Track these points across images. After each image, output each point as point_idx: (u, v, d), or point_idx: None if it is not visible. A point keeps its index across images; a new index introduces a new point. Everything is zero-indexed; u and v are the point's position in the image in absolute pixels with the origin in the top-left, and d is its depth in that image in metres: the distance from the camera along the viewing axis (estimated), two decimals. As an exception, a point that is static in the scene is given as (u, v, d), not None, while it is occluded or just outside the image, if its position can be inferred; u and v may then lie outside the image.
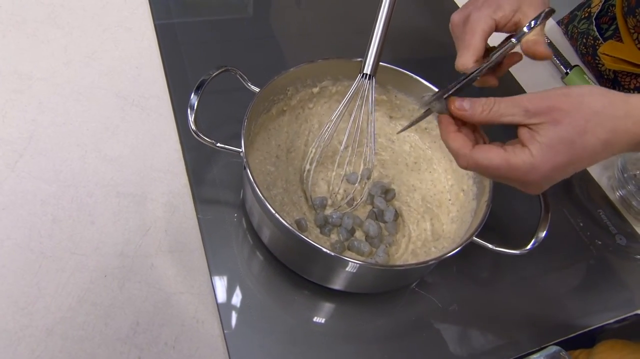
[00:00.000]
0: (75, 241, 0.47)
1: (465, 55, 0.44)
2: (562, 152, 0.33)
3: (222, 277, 0.48)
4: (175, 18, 0.71)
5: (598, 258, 0.58)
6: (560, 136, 0.33)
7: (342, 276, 0.46)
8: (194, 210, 0.51)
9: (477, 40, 0.44)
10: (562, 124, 0.33)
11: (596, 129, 0.33)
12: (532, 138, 0.34)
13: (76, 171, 0.51)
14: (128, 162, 0.53)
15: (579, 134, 0.33)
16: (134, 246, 0.48)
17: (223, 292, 0.47)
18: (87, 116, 0.56)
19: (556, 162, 0.34)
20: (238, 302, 0.47)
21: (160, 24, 0.68)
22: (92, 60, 0.62)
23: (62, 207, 0.48)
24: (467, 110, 0.37)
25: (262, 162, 0.53)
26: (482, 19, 0.45)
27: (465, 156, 0.36)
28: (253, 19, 0.76)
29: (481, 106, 0.36)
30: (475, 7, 0.46)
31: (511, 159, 0.34)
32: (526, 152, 0.34)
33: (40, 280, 0.44)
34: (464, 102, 0.37)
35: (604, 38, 0.73)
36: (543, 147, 0.33)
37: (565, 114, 0.33)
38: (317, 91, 0.57)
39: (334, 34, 0.77)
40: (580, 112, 0.33)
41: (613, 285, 0.57)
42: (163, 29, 0.68)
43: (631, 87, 0.70)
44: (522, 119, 0.34)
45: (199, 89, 0.48)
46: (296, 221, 0.49)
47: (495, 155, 0.35)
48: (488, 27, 0.45)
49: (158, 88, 0.61)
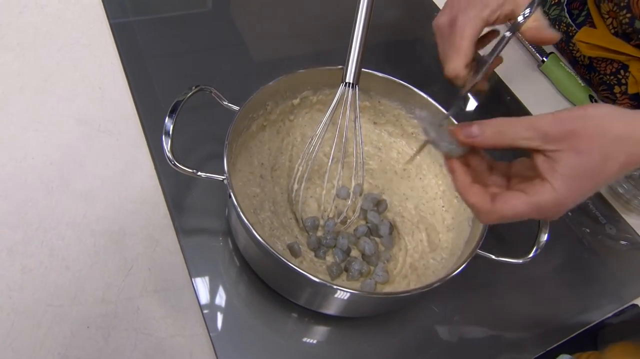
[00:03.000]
0: (49, 292, 0.43)
1: (455, 60, 0.42)
2: (585, 183, 0.32)
3: (215, 313, 0.45)
4: (132, 16, 0.66)
5: (591, 251, 0.58)
6: (583, 167, 0.31)
7: (339, 304, 0.44)
8: (177, 242, 0.48)
9: (467, 45, 0.42)
10: (584, 153, 0.31)
11: (618, 154, 0.31)
12: (553, 169, 0.32)
13: (43, 212, 0.47)
14: (100, 195, 0.49)
15: (602, 162, 0.31)
16: (116, 290, 0.44)
17: (218, 329, 0.44)
18: (49, 148, 0.51)
19: (580, 193, 0.32)
20: (236, 340, 0.44)
21: (116, 23, 0.64)
22: (49, 84, 0.57)
23: (31, 255, 0.44)
24: (478, 136, 0.33)
25: (247, 184, 0.50)
26: (470, 21, 0.42)
27: (487, 212, 0.33)
28: (213, 13, 0.72)
29: (491, 129, 0.33)
30: (460, 9, 0.44)
31: (534, 200, 0.32)
32: (547, 188, 0.32)
33: (14, 340, 0.40)
34: (473, 129, 0.34)
35: (577, 24, 0.73)
36: (566, 179, 0.31)
37: (587, 141, 0.31)
38: (298, 102, 0.54)
39: (298, 23, 0.74)
40: (601, 139, 0.31)
41: (608, 277, 0.57)
42: (119, 27, 0.64)
43: (607, 72, 0.70)
44: (539, 144, 0.32)
45: (174, 112, 0.44)
46: (288, 246, 0.47)
47: (518, 202, 0.32)
48: (477, 30, 0.43)
49: (125, 109, 0.56)
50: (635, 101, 0.68)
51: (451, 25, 0.44)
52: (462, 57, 0.42)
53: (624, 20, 0.63)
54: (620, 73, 0.68)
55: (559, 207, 0.33)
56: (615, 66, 0.68)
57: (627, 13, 0.62)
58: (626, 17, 0.63)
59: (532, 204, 0.32)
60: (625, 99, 0.69)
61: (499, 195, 0.34)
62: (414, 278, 0.48)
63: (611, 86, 0.70)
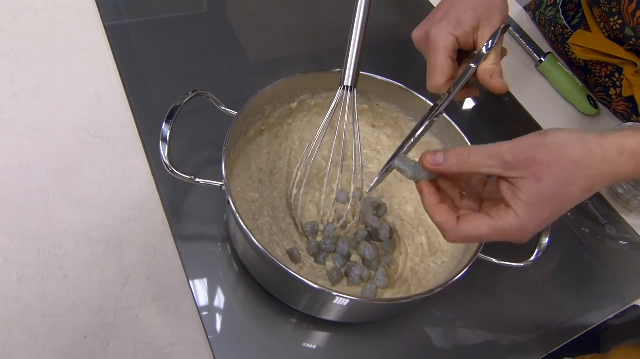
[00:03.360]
0: (47, 301, 0.42)
1: (433, 78, 0.42)
2: (547, 209, 0.33)
3: (215, 320, 0.44)
4: (127, 18, 0.66)
5: (591, 252, 0.58)
6: (543, 193, 0.32)
7: (339, 310, 0.43)
8: (176, 249, 0.47)
9: (442, 60, 0.42)
10: (544, 180, 0.32)
11: (578, 179, 0.32)
12: (515, 196, 0.33)
13: (39, 220, 0.46)
14: (97, 203, 0.49)
15: (562, 188, 0.32)
16: (115, 299, 0.43)
17: (217, 334, 0.43)
18: (45, 155, 0.51)
19: (542, 219, 0.33)
20: (236, 345, 0.43)
21: (111, 26, 0.64)
22: (44, 90, 0.56)
23: (27, 264, 0.44)
24: (442, 164, 0.35)
25: (245, 189, 0.49)
26: (442, 36, 0.42)
27: (452, 231, 0.34)
28: (208, 15, 0.71)
29: (455, 158, 0.34)
30: (434, 22, 0.43)
31: (498, 224, 0.33)
32: (511, 214, 0.33)
33: (11, 352, 0.39)
34: (437, 157, 0.35)
35: (572, 26, 0.72)
36: (528, 206, 0.32)
37: (546, 167, 0.32)
38: (296, 106, 0.54)
39: (294, 24, 0.74)
40: (560, 165, 0.32)
41: (608, 278, 0.57)
42: (114, 30, 0.63)
43: (602, 74, 0.70)
44: (501, 172, 0.33)
45: (171, 117, 0.44)
46: (288, 252, 0.46)
47: (482, 224, 0.34)
48: (450, 44, 0.42)
49: (122, 115, 0.56)
50: (631, 103, 0.68)
51: (426, 38, 0.43)
52: (441, 73, 0.42)
53: (615, 27, 0.63)
54: (615, 76, 0.68)
55: (522, 233, 0.34)
56: (610, 69, 0.68)
57: (618, 19, 0.62)
58: (617, 24, 0.62)
59: (495, 228, 0.33)
60: (621, 101, 0.69)
61: (464, 216, 0.35)
62: (414, 282, 0.48)
63: (607, 88, 0.70)
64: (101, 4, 0.66)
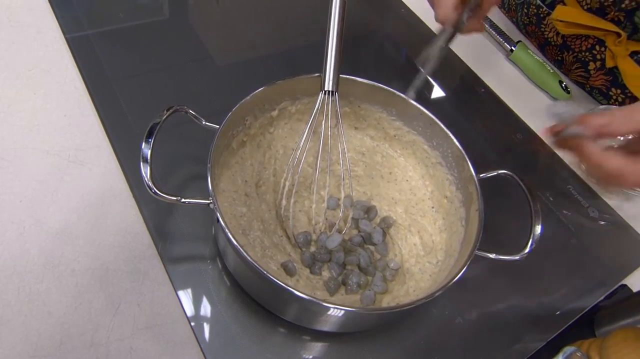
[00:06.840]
0: (32, 342, 0.40)
1: (443, 5, 0.42)
2: None
3: (213, 342, 0.43)
4: (88, 29, 0.64)
5: (576, 235, 0.59)
6: None
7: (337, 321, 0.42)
8: (165, 272, 0.46)
9: None
10: None
11: None
12: None
13: (16, 254, 0.44)
14: (77, 231, 0.46)
15: None
16: (105, 331, 0.41)
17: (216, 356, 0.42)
18: (17, 184, 0.48)
19: None
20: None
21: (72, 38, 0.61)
22: (9, 115, 0.53)
23: (7, 304, 0.41)
24: (608, 125, 0.32)
25: (232, 204, 0.48)
26: None
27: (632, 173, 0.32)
28: (171, 21, 0.69)
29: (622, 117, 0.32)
30: None
31: None
32: None
33: (-1, 400, 0.37)
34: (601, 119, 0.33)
35: (547, 5, 0.73)
36: None
37: None
38: (277, 113, 0.53)
39: (260, 25, 0.72)
40: None
41: (596, 260, 0.58)
42: (76, 43, 0.61)
43: (582, 49, 0.70)
44: None
45: (150, 136, 0.42)
46: (283, 266, 0.45)
47: None
48: None
49: (95, 136, 0.53)
50: (610, 76, 0.69)
51: None
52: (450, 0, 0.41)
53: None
54: (595, 49, 0.69)
55: None
56: (590, 42, 0.69)
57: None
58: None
59: None
60: (600, 74, 0.70)
61: None
62: (412, 284, 0.47)
63: (586, 63, 0.71)
64: (60, 15, 0.63)
